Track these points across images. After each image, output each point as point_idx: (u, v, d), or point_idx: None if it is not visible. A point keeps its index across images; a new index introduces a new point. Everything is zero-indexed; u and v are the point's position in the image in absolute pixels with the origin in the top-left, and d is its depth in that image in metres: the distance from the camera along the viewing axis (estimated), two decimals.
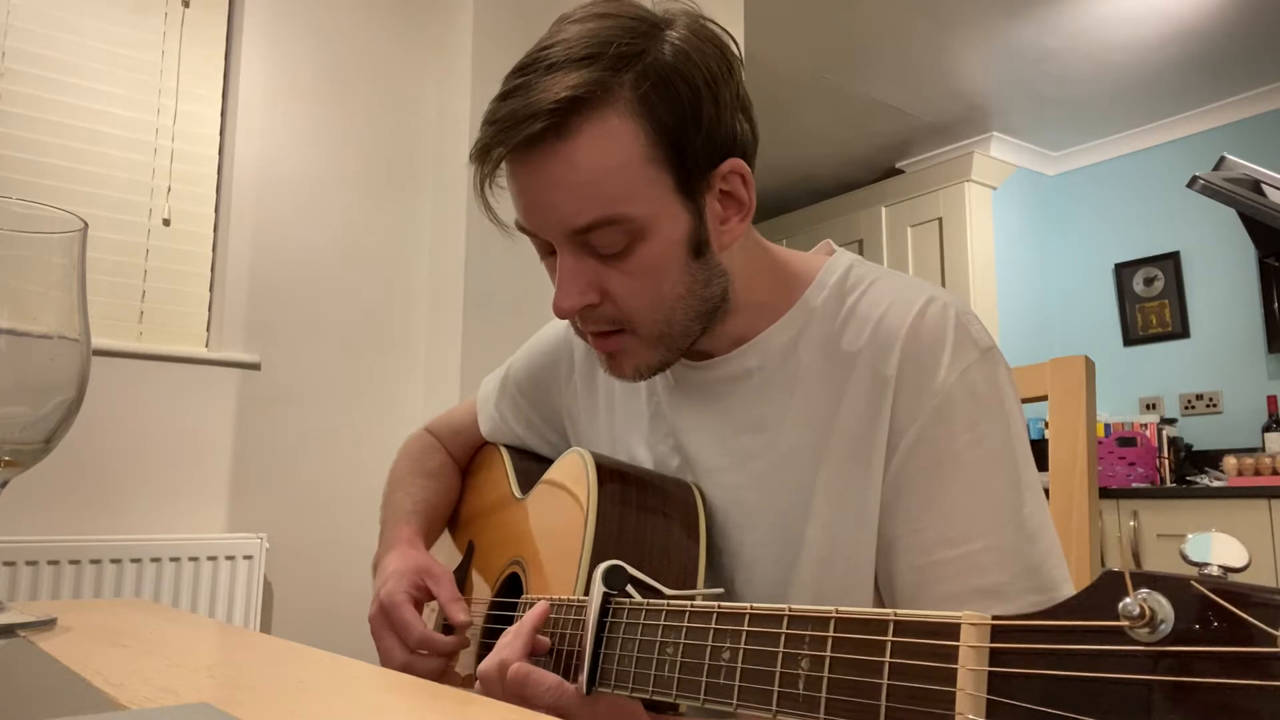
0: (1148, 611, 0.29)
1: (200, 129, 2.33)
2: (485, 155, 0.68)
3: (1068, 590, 0.66)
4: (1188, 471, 3.73)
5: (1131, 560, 3.42)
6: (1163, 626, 0.29)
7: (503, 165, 0.69)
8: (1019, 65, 3.62)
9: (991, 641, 0.33)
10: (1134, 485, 3.60)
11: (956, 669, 0.33)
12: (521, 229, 0.72)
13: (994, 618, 0.34)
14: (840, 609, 0.41)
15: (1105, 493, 3.53)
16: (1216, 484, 3.46)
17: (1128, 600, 0.29)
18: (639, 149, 0.66)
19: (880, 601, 0.72)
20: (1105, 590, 0.31)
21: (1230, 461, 3.37)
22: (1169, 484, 3.67)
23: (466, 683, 0.87)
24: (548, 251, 0.72)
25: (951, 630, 0.35)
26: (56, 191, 2.10)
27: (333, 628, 2.23)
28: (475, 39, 2.47)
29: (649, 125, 0.66)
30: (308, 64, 2.45)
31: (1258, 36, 3.39)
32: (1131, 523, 3.43)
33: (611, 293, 0.70)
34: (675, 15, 0.70)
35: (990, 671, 0.33)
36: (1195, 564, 0.31)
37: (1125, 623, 0.29)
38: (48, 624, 0.65)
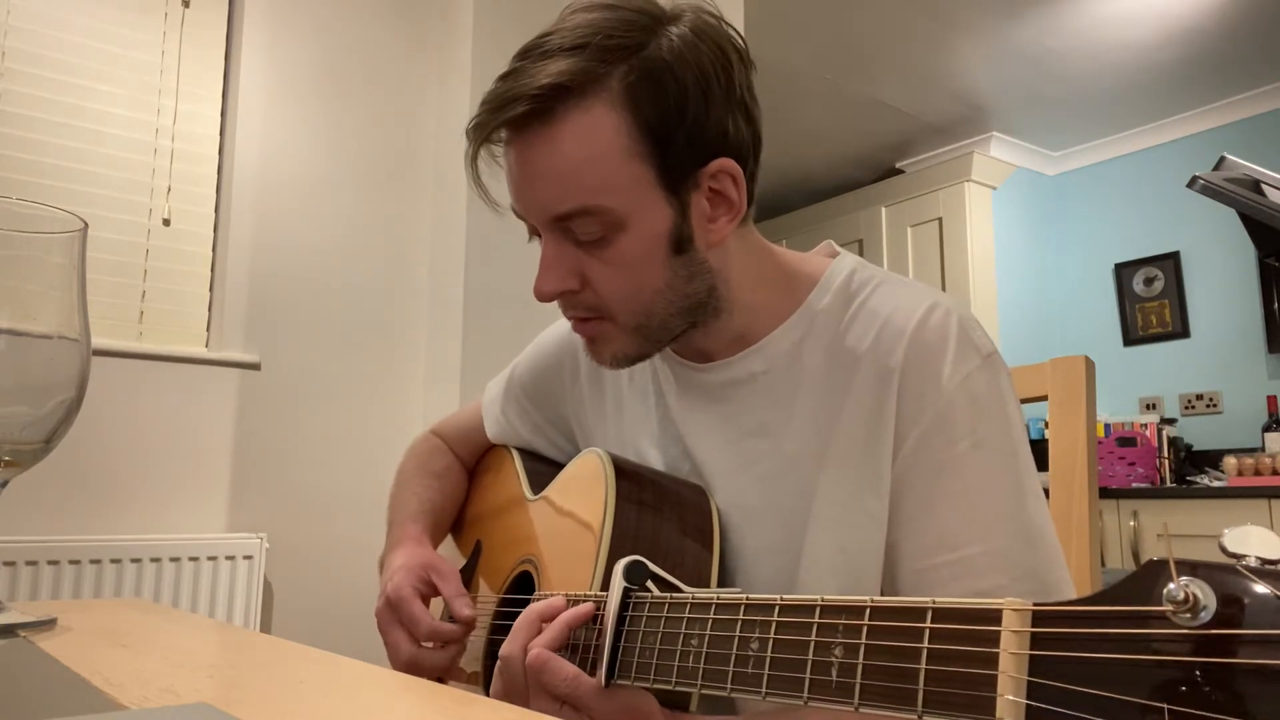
0: (1191, 597, 0.29)
1: (200, 129, 2.32)
2: (475, 132, 0.70)
3: (1068, 593, 0.66)
4: (1188, 471, 3.73)
5: (1132, 560, 3.43)
6: (1204, 613, 0.29)
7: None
8: (1019, 65, 3.62)
9: (1033, 626, 0.33)
10: (1134, 485, 3.60)
11: (998, 653, 0.34)
12: (514, 211, 0.74)
13: (1035, 604, 0.34)
14: (875, 598, 0.41)
15: (1105, 493, 3.54)
16: (1216, 484, 3.46)
17: (1171, 585, 0.29)
18: (620, 141, 0.67)
19: None
20: (1147, 578, 0.31)
21: (1230, 461, 3.37)
22: (1169, 484, 3.67)
23: (471, 679, 0.87)
24: (535, 234, 0.74)
25: (993, 616, 0.35)
26: (56, 191, 2.10)
27: (333, 628, 2.23)
28: (475, 39, 2.46)
29: (632, 118, 0.67)
30: (308, 64, 2.44)
31: (1258, 36, 3.39)
32: (1131, 523, 3.42)
33: (590, 280, 0.71)
34: (683, 11, 0.71)
35: (1031, 655, 0.33)
36: (1234, 555, 0.31)
37: (1168, 607, 0.29)
38: (48, 624, 0.65)
